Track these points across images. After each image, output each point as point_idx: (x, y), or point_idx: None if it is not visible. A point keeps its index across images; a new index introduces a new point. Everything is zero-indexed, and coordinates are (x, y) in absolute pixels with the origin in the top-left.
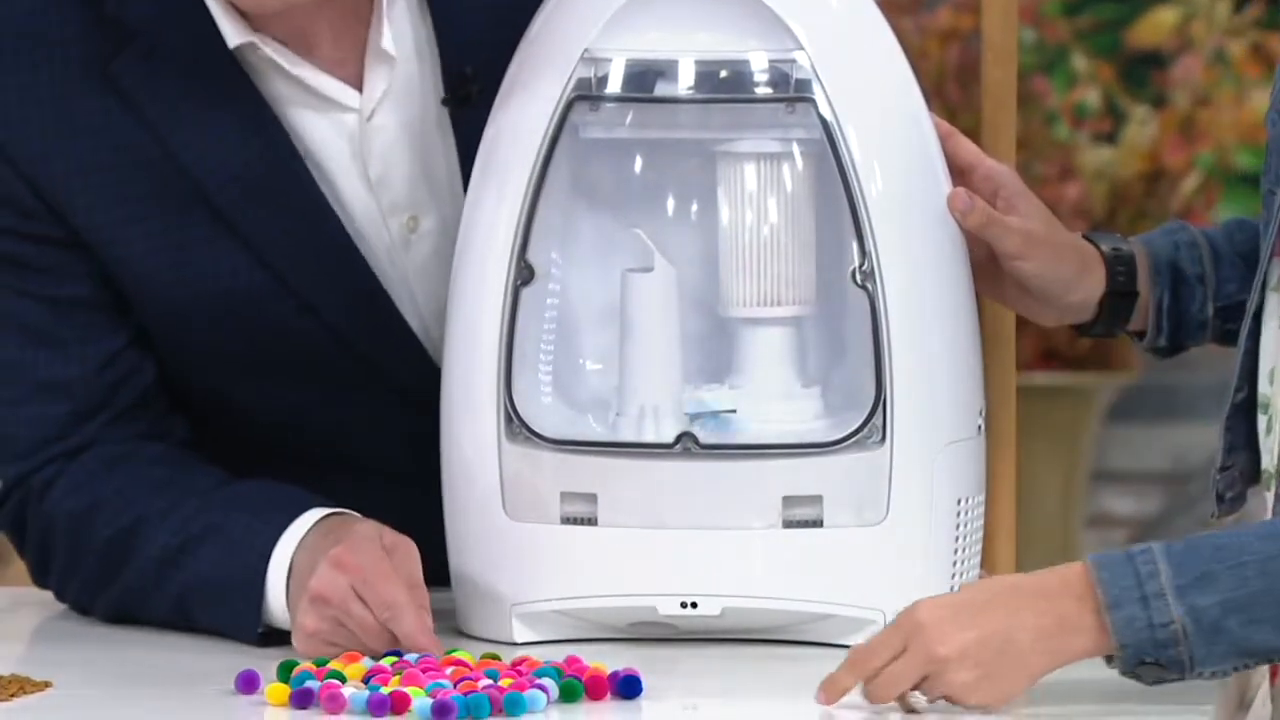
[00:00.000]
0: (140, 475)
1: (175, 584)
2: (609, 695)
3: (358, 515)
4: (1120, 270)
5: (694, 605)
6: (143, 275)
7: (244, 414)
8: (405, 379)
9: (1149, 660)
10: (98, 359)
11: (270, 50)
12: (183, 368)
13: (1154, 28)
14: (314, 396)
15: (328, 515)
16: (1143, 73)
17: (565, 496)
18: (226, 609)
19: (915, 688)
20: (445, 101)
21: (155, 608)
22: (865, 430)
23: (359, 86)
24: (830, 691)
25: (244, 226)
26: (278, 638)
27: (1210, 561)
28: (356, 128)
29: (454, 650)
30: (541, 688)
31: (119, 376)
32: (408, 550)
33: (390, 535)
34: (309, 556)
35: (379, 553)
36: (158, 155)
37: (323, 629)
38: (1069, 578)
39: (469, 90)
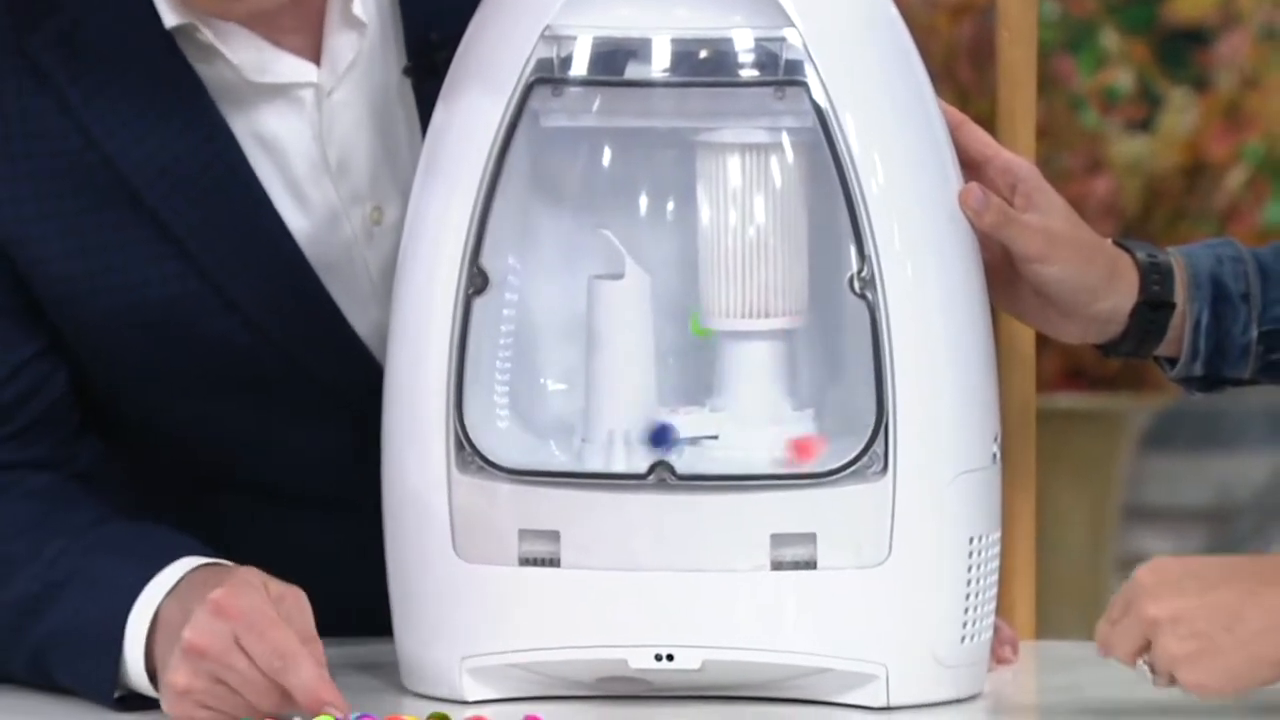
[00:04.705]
0: (11, 512)
1: (33, 635)
2: None
3: (236, 566)
4: (1155, 278)
5: (670, 658)
6: (60, 280)
7: (173, 437)
8: (355, 399)
9: None
10: (3, 368)
11: (210, 34)
12: (104, 385)
13: (1194, 0)
14: (254, 418)
15: (206, 564)
16: (1182, 51)
17: (524, 534)
18: (80, 665)
19: (1145, 652)
20: (408, 71)
21: (13, 662)
22: (864, 459)
23: (316, 59)
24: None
25: (176, 228)
26: (139, 704)
27: None
28: (315, 107)
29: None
30: None
31: (21, 392)
32: (297, 600)
33: (277, 584)
34: (180, 606)
35: (265, 598)
36: (79, 145)
37: (196, 686)
38: None
39: (434, 59)
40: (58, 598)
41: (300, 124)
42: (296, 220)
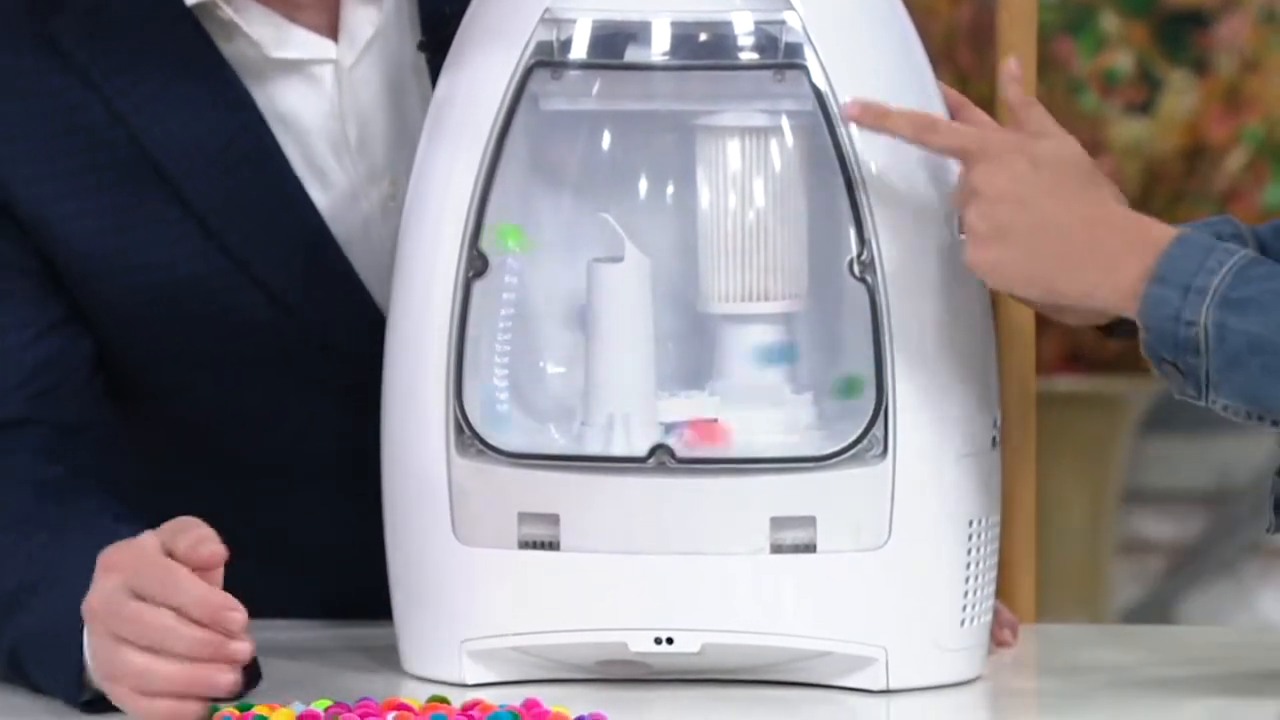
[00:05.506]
0: (11, 501)
1: (8, 634)
2: None
3: None
4: None
5: (669, 641)
6: (84, 257)
7: (190, 417)
8: (377, 374)
9: (1168, 359)
10: (30, 329)
11: (230, 11)
12: (123, 362)
13: None
14: (274, 395)
15: None
16: (1182, 34)
17: (523, 518)
18: (47, 667)
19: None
20: (422, 46)
21: None
22: (864, 442)
23: (333, 35)
24: (865, 110)
25: (200, 205)
26: (111, 708)
27: (1267, 293)
28: (334, 84)
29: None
30: None
31: (46, 354)
32: (199, 531)
33: (167, 527)
34: None
35: (152, 543)
36: (102, 122)
37: (116, 660)
38: (1152, 231)
39: (448, 33)
40: (28, 601)
41: (319, 101)
42: (317, 196)
